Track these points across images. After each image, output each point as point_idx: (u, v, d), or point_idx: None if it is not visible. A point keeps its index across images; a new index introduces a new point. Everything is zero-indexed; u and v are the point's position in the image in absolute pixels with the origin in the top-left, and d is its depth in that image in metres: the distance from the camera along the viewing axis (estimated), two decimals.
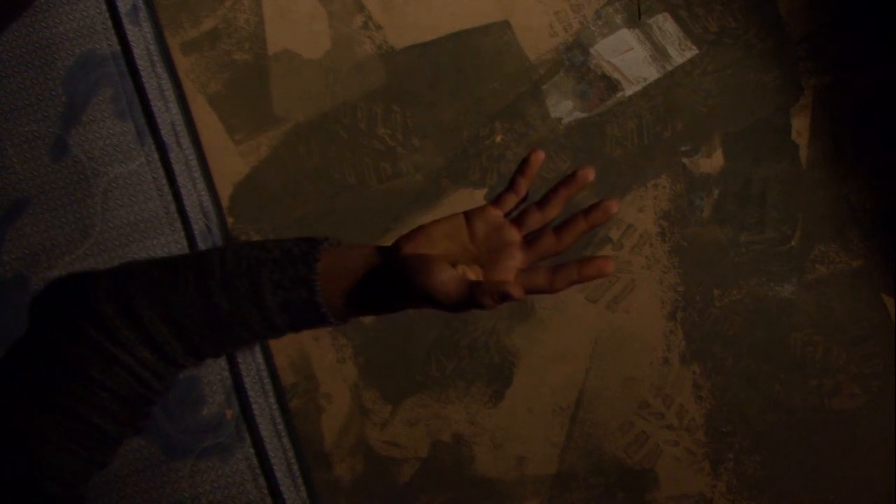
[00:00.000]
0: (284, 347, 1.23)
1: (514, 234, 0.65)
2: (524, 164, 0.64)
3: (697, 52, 1.32)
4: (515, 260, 0.64)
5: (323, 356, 1.27)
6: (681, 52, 1.32)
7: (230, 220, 1.26)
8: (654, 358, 1.30)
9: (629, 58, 1.32)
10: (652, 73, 1.32)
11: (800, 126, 1.32)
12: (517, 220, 0.66)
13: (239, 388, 0.87)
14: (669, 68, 1.32)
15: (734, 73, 1.32)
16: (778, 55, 1.32)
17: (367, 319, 1.26)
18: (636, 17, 1.32)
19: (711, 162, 1.32)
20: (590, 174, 0.63)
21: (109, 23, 0.85)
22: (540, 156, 0.64)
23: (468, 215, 0.65)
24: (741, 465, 1.30)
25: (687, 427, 1.30)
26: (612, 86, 1.32)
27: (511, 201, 0.66)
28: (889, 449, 1.30)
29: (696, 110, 1.32)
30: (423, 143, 1.30)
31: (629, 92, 1.32)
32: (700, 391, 1.30)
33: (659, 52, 1.32)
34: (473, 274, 0.63)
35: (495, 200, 0.66)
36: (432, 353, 1.28)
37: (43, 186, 0.81)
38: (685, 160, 1.32)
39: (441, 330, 1.28)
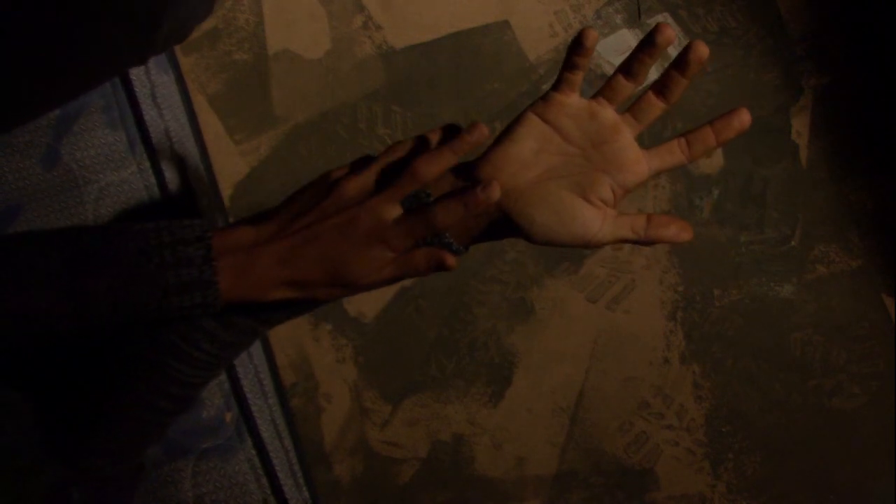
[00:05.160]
0: (284, 347, 1.23)
1: (611, 114, 0.57)
2: (580, 46, 0.54)
3: None
4: (632, 146, 0.56)
5: (323, 356, 1.27)
6: None
7: (230, 221, 1.26)
8: (654, 358, 1.30)
9: None
10: (652, 73, 1.32)
11: (800, 126, 1.32)
12: (602, 95, 0.57)
13: (237, 390, 0.87)
14: None
15: (734, 73, 1.32)
16: (778, 55, 1.32)
17: (368, 318, 1.26)
18: (636, 17, 1.32)
19: (711, 162, 1.32)
20: (671, 34, 0.53)
21: None
22: (594, 34, 0.54)
23: (543, 115, 0.58)
24: (741, 465, 1.30)
25: (687, 427, 1.30)
26: None
27: (579, 80, 0.57)
28: (889, 449, 1.30)
29: (696, 110, 1.32)
30: None
31: None
32: (700, 391, 1.30)
33: None
34: (609, 192, 0.56)
35: (559, 86, 0.58)
36: (432, 353, 1.28)
37: (34, 195, 0.80)
38: None
39: (441, 330, 1.28)
